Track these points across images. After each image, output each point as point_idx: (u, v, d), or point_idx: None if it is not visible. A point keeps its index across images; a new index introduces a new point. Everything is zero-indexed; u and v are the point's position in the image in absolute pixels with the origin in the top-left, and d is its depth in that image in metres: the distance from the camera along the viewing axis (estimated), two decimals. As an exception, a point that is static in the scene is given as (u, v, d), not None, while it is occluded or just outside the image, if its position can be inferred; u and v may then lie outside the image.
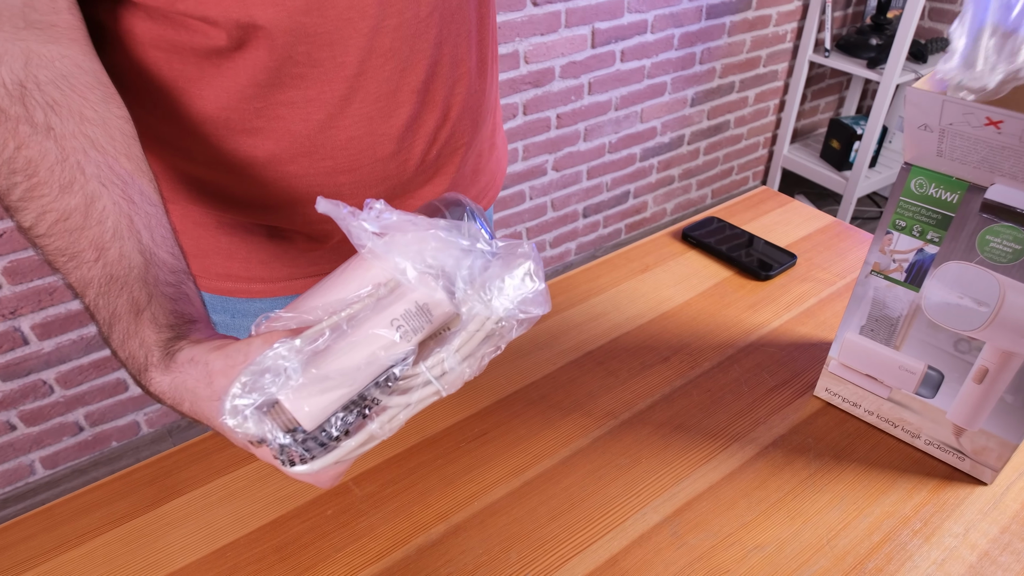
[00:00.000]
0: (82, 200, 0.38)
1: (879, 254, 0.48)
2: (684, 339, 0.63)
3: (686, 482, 0.50)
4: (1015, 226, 0.41)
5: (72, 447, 1.50)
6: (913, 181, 0.45)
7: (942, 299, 0.46)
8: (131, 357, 0.38)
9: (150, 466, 0.53)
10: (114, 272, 0.38)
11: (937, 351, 0.48)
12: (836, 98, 2.59)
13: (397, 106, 0.52)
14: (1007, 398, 0.46)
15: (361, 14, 0.46)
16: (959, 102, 0.38)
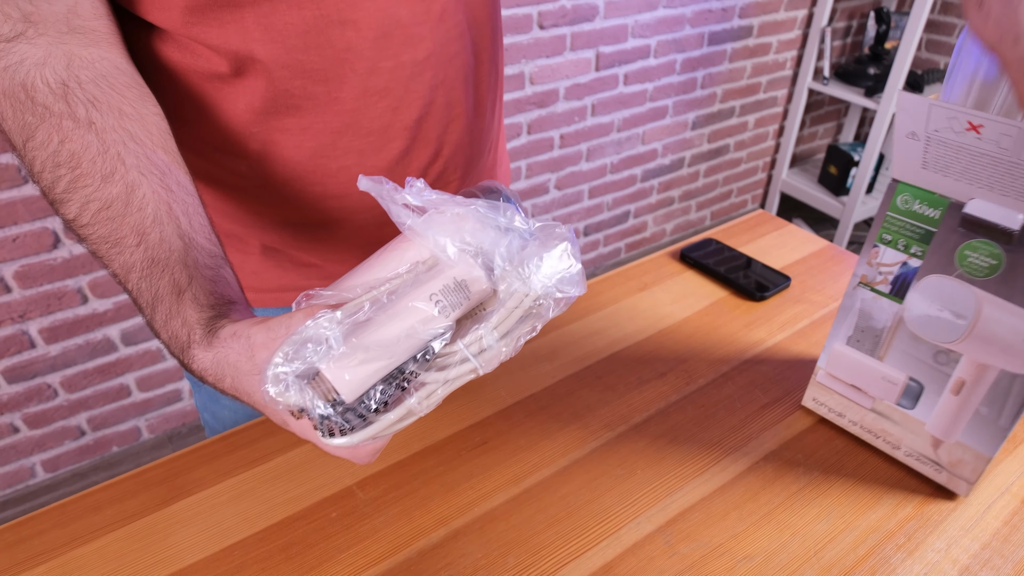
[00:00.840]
0: (123, 189, 0.40)
1: (867, 266, 0.51)
2: (680, 356, 0.65)
3: (679, 493, 0.51)
4: (991, 242, 0.43)
5: (73, 451, 1.51)
6: (899, 197, 0.47)
7: (923, 311, 0.48)
8: (174, 337, 0.39)
9: (161, 466, 0.55)
10: (155, 255, 0.40)
11: (918, 363, 0.50)
12: (834, 125, 2.63)
13: (388, 141, 0.54)
14: (982, 410, 0.48)
15: (357, 55, 0.49)
16: (944, 105, 0.40)
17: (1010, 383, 0.46)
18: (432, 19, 0.51)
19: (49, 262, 1.29)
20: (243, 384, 0.37)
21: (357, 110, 0.51)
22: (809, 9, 2.17)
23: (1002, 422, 0.47)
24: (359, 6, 0.47)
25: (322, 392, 0.33)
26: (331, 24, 0.47)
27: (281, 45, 0.47)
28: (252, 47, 0.46)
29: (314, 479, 0.53)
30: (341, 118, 0.51)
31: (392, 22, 0.49)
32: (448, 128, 0.57)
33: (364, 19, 0.48)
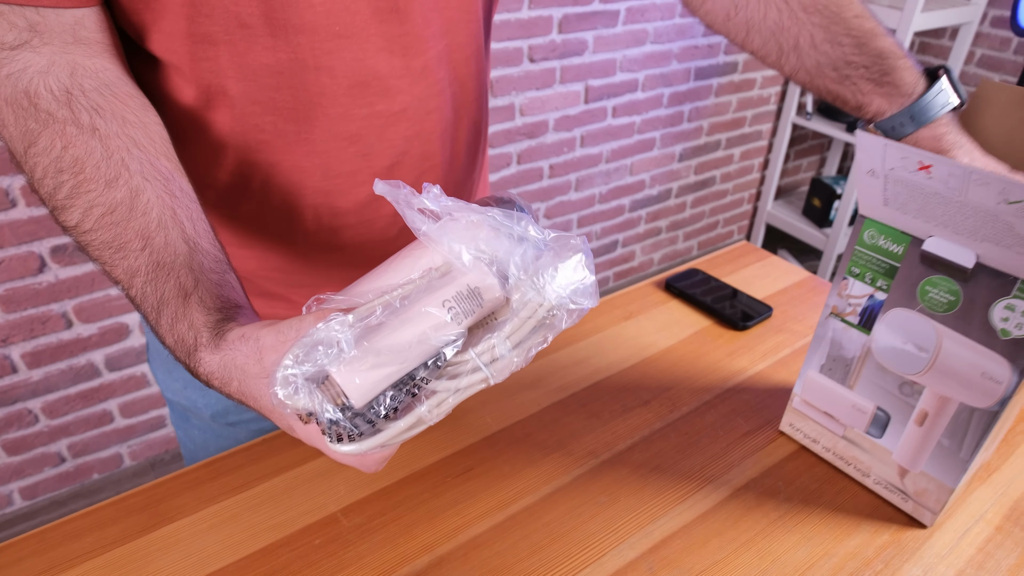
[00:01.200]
0: (127, 193, 0.40)
1: (837, 298, 0.52)
2: (664, 384, 0.66)
3: (662, 521, 0.52)
4: (949, 278, 0.45)
5: (52, 478, 1.48)
6: (866, 232, 0.49)
7: (889, 343, 0.50)
8: (180, 341, 0.39)
9: (142, 493, 0.54)
10: (160, 259, 0.39)
11: (885, 393, 0.51)
12: (818, 158, 2.69)
13: (357, 185, 0.54)
14: (944, 442, 0.49)
15: (331, 101, 0.49)
16: (897, 146, 0.42)
17: (969, 416, 0.47)
18: (412, 74, 0.51)
19: (34, 286, 1.29)
20: (250, 388, 0.37)
21: (326, 152, 0.51)
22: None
23: (962, 454, 0.48)
24: (336, 55, 0.47)
25: (331, 396, 0.32)
26: (306, 68, 0.47)
27: (254, 83, 0.47)
28: (225, 83, 0.47)
29: (298, 505, 0.53)
30: (310, 159, 0.51)
31: (369, 73, 0.49)
32: (421, 179, 0.57)
33: (340, 67, 0.48)
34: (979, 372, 0.46)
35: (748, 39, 0.58)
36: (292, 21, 0.45)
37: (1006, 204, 0.39)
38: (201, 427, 0.69)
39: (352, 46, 0.47)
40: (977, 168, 0.39)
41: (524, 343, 0.34)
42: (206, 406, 0.66)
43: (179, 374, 0.66)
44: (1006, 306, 0.43)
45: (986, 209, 0.40)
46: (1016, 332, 0.43)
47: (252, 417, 0.66)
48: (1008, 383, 0.45)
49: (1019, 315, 0.43)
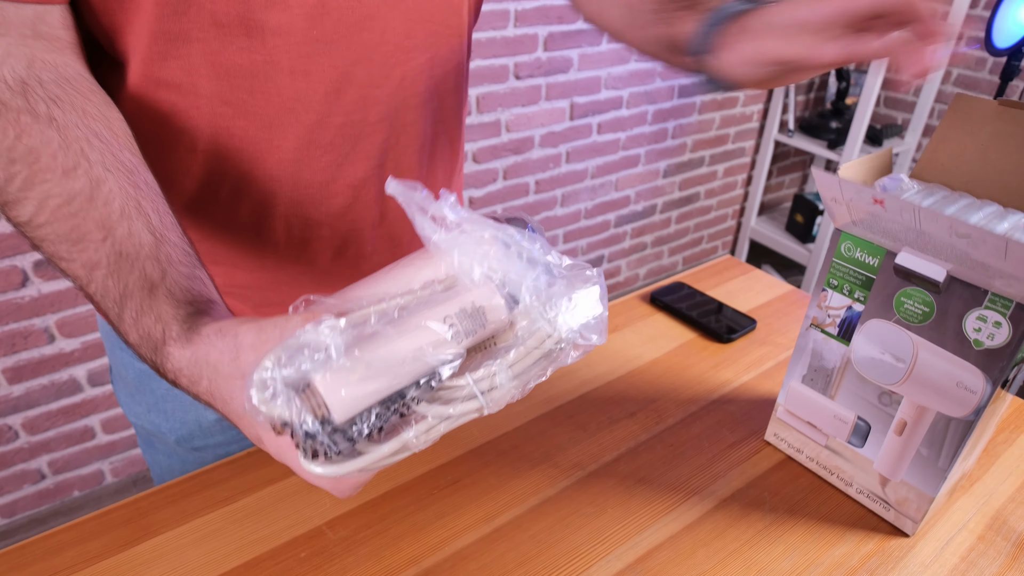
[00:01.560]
0: (86, 183, 0.37)
1: (817, 309, 0.53)
2: (650, 396, 0.66)
3: (648, 532, 0.52)
4: (923, 290, 0.46)
5: (32, 496, 1.45)
6: (843, 245, 0.50)
7: (867, 354, 0.50)
8: (146, 336, 0.36)
9: (125, 507, 0.54)
10: (124, 249, 0.36)
11: (865, 403, 0.52)
12: (800, 175, 2.74)
13: (330, 196, 0.53)
14: (923, 451, 0.50)
15: (306, 107, 0.48)
16: (850, 183, 0.43)
17: (946, 425, 0.48)
18: (391, 84, 0.50)
19: (16, 300, 1.27)
20: (221, 388, 0.34)
21: (299, 160, 0.50)
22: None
23: (941, 463, 0.49)
24: (313, 60, 0.46)
25: (311, 407, 0.29)
26: (280, 72, 0.46)
27: (227, 84, 0.45)
28: (197, 81, 0.45)
29: (283, 519, 0.52)
30: (282, 167, 0.50)
31: (346, 80, 0.48)
32: None
33: (316, 73, 0.47)
34: (954, 382, 0.47)
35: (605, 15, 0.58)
36: (269, 23, 0.44)
37: (957, 237, 0.40)
38: (166, 452, 0.66)
39: (329, 52, 0.46)
40: (925, 207, 0.40)
41: (525, 374, 0.31)
42: (170, 431, 0.64)
43: (142, 397, 0.64)
44: (978, 317, 0.44)
45: (942, 239, 0.42)
46: (988, 343, 0.44)
47: (219, 441, 0.64)
48: (982, 393, 0.46)
49: (991, 326, 0.44)
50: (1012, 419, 0.65)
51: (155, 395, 0.62)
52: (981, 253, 0.40)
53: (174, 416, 0.63)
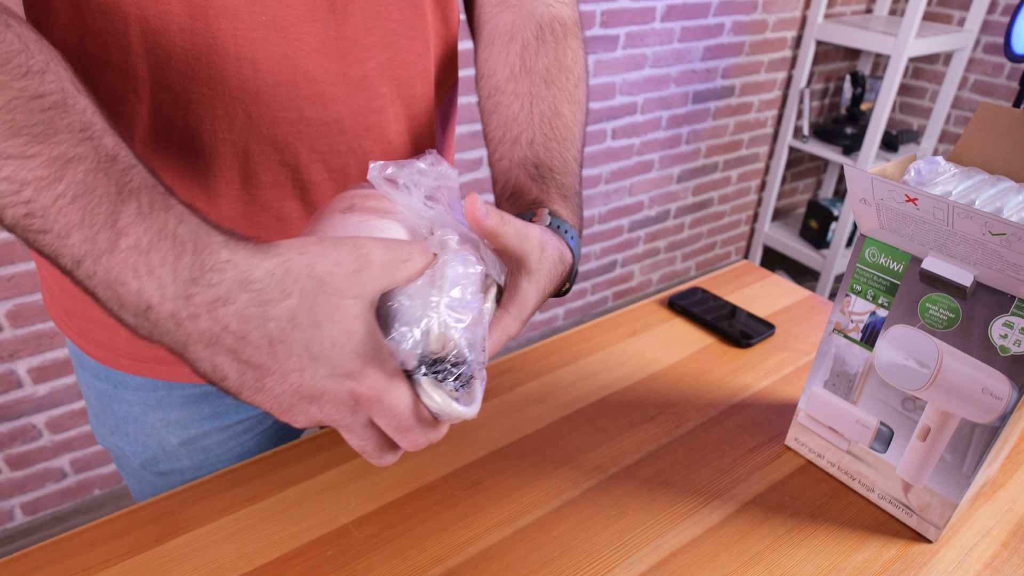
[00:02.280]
0: (58, 88, 0.29)
1: (840, 314, 0.53)
2: (669, 400, 0.67)
3: (670, 535, 0.52)
4: (948, 296, 0.46)
5: (54, 494, 1.48)
6: (867, 250, 0.50)
7: (891, 359, 0.51)
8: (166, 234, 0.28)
9: (155, 504, 0.55)
10: (115, 153, 0.29)
11: (888, 408, 0.52)
12: (814, 180, 2.73)
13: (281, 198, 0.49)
14: (946, 457, 0.50)
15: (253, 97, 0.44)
16: (883, 180, 0.44)
17: (971, 431, 0.48)
18: (349, 83, 0.47)
19: (41, 302, 1.29)
20: (327, 308, 0.29)
21: (247, 156, 0.46)
22: (788, 71, 2.28)
23: (965, 469, 0.49)
24: (261, 47, 0.43)
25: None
26: (225, 58, 0.42)
27: (167, 67, 0.41)
28: (134, 63, 0.41)
29: (310, 517, 0.53)
30: (228, 162, 0.46)
31: (299, 73, 0.45)
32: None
33: (265, 61, 0.43)
34: (980, 388, 0.47)
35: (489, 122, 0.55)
36: (213, 3, 0.40)
37: (991, 235, 0.41)
38: (135, 475, 0.65)
39: (280, 40, 0.43)
40: (960, 203, 0.41)
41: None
42: (133, 454, 0.62)
43: (105, 419, 0.61)
44: (1004, 323, 0.45)
45: (974, 238, 0.42)
46: (1015, 349, 0.44)
47: (185, 466, 0.62)
48: (1008, 399, 0.46)
49: (1017, 332, 0.44)
50: (1034, 426, 0.65)
51: (115, 417, 0.61)
52: (1015, 252, 0.40)
53: (136, 439, 0.61)
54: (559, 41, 0.54)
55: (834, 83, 2.45)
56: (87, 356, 0.59)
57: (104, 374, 0.59)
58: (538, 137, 0.52)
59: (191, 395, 0.60)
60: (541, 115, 0.52)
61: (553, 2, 0.56)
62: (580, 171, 0.54)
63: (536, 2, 0.55)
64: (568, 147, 0.52)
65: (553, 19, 0.55)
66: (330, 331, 0.29)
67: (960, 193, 0.48)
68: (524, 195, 0.49)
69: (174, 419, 0.61)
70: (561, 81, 0.53)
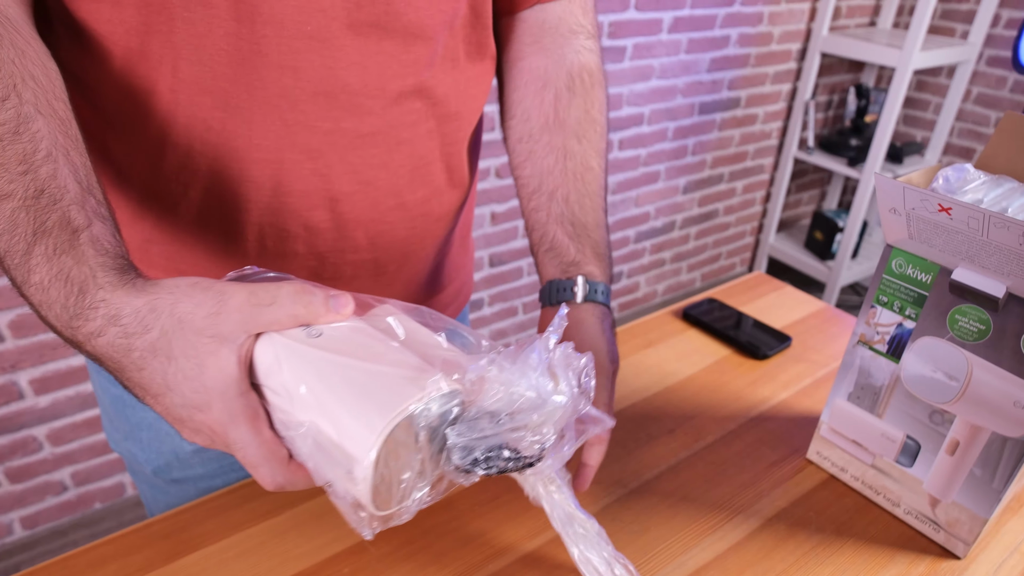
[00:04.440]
0: (13, 116, 0.33)
1: (865, 326, 0.52)
2: (688, 412, 0.66)
3: (695, 551, 0.51)
4: (979, 307, 0.45)
5: (54, 507, 1.46)
6: (894, 261, 0.49)
7: (918, 372, 0.50)
8: (63, 277, 0.31)
9: (166, 520, 0.54)
10: (46, 188, 0.32)
11: (915, 421, 0.51)
12: (819, 192, 2.72)
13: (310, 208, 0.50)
14: (976, 472, 0.49)
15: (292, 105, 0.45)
16: (915, 189, 0.43)
17: (1002, 445, 0.47)
18: (386, 97, 0.48)
19: (46, 312, 1.29)
20: (180, 344, 0.31)
21: (280, 163, 0.46)
22: (793, 83, 2.29)
23: (995, 484, 0.48)
24: (303, 56, 0.43)
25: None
26: (268, 64, 0.43)
27: (208, 70, 0.42)
28: (177, 64, 0.42)
29: (325, 533, 0.52)
30: (261, 168, 0.46)
31: (338, 85, 0.45)
32: (384, 215, 0.53)
33: (306, 71, 0.44)
34: (1011, 401, 0.46)
35: (522, 166, 0.59)
36: (260, 9, 0.41)
37: None
38: (147, 483, 0.64)
39: (322, 50, 0.44)
40: (995, 212, 0.40)
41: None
42: (146, 461, 0.61)
43: (119, 424, 0.61)
44: (1037, 335, 0.44)
45: (1008, 248, 0.41)
46: (1048, 361, 0.44)
47: (199, 474, 0.61)
48: (1041, 412, 0.45)
49: (1051, 345, 0.43)
50: (1059, 440, 0.63)
51: (129, 423, 0.60)
52: None
53: (149, 446, 0.60)
54: (588, 92, 0.58)
55: (838, 95, 2.45)
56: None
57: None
58: (572, 194, 0.57)
59: None
60: (575, 171, 0.57)
61: (582, 48, 0.58)
62: (607, 220, 0.59)
63: (567, 48, 0.58)
64: (598, 200, 0.58)
65: (582, 68, 0.58)
66: (183, 364, 0.32)
67: (991, 201, 0.47)
68: (563, 255, 0.56)
69: None
70: (591, 135, 0.58)
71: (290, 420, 0.34)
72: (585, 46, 0.58)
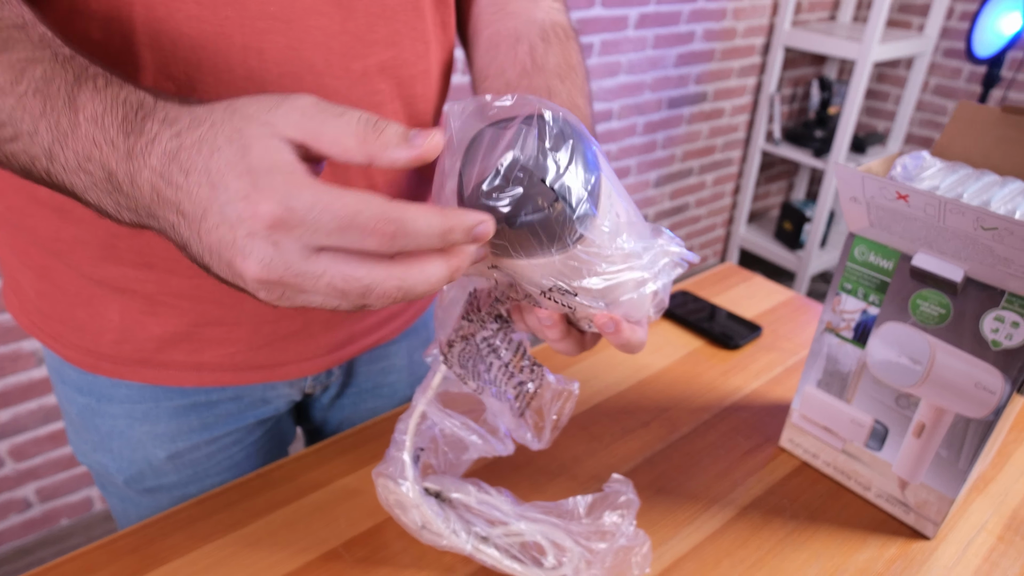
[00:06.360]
0: (16, 14, 0.33)
1: (831, 313, 0.53)
2: (662, 405, 0.66)
3: (672, 542, 0.51)
4: (939, 292, 0.46)
5: (18, 525, 1.41)
6: (856, 249, 0.50)
7: (883, 357, 0.50)
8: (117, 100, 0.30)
9: (133, 534, 0.52)
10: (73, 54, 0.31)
11: (882, 406, 0.52)
12: (786, 183, 2.77)
13: None
14: (942, 453, 0.50)
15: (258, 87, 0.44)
16: (874, 178, 0.44)
17: (966, 426, 0.48)
18: (351, 77, 0.48)
19: (5, 323, 1.24)
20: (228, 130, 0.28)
21: None
22: (758, 77, 2.32)
23: (961, 464, 0.49)
24: (267, 37, 0.43)
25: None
26: (232, 46, 0.42)
27: (171, 55, 0.41)
28: (137, 50, 0.41)
29: (297, 541, 0.51)
30: None
31: (304, 66, 0.45)
32: None
33: (271, 52, 0.44)
34: (973, 383, 0.47)
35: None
36: None
37: (982, 230, 0.41)
38: (118, 495, 0.62)
39: (287, 31, 0.44)
40: (951, 198, 0.41)
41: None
42: (118, 471, 0.59)
43: (87, 435, 0.59)
44: (995, 317, 0.45)
45: (965, 233, 0.42)
46: (1006, 343, 0.44)
47: (173, 482, 0.60)
48: (1001, 393, 0.46)
49: (1008, 326, 0.44)
50: (1022, 419, 0.65)
51: (99, 432, 0.59)
52: (1006, 246, 0.40)
53: (121, 455, 0.59)
54: (563, 43, 0.55)
55: (802, 88, 2.49)
56: (69, 367, 0.57)
57: (87, 387, 0.57)
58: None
59: (179, 406, 0.58)
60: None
61: (550, 8, 0.57)
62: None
63: (535, 9, 0.56)
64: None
65: (555, 23, 0.56)
66: (227, 152, 0.27)
67: (947, 187, 0.48)
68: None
69: (161, 432, 0.58)
70: (572, 77, 0.54)
71: None
72: (553, 7, 0.57)
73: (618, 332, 0.36)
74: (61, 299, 0.53)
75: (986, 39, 1.76)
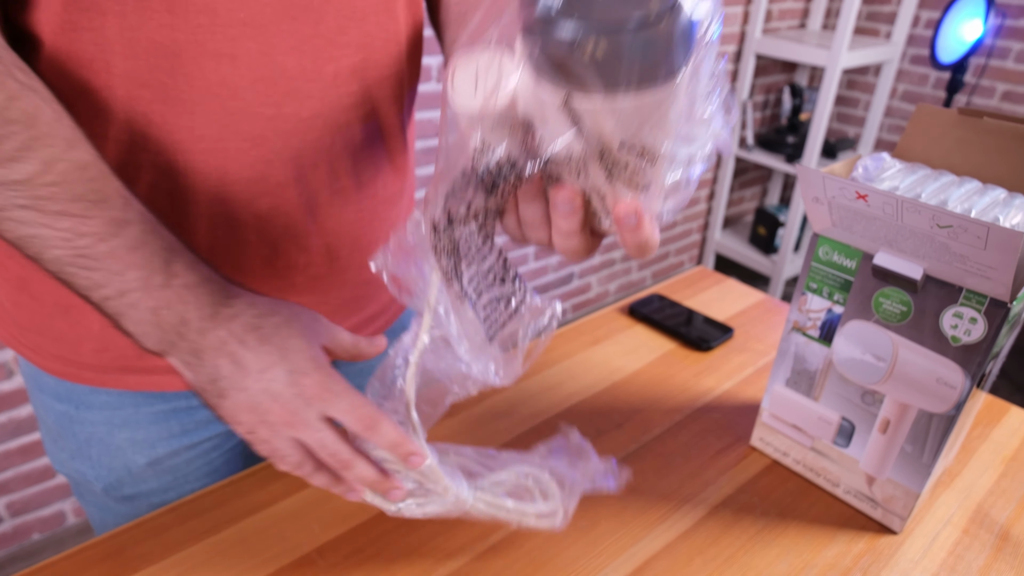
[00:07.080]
0: (94, 157, 0.38)
1: (798, 313, 0.54)
2: (635, 407, 0.67)
3: (644, 542, 0.52)
4: (900, 290, 0.48)
5: (-14, 542, 1.38)
6: (820, 249, 0.51)
7: (848, 355, 0.52)
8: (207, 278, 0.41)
9: (103, 543, 0.51)
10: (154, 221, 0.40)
11: (848, 403, 0.53)
12: (760, 189, 2.81)
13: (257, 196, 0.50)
14: (907, 448, 0.51)
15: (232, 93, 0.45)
16: (834, 178, 0.45)
17: (928, 422, 0.49)
18: (323, 79, 0.48)
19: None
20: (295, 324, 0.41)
21: (225, 152, 0.46)
22: (731, 84, 2.35)
23: (925, 459, 0.50)
24: (240, 43, 0.44)
25: None
26: (204, 53, 0.43)
27: (144, 63, 0.42)
28: (109, 59, 0.41)
29: (270, 548, 0.51)
30: (206, 159, 0.46)
31: (276, 70, 0.46)
32: (331, 199, 0.53)
33: (244, 57, 0.44)
34: (934, 378, 0.48)
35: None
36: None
37: (938, 228, 0.42)
38: (96, 503, 0.62)
39: (258, 36, 0.44)
40: (908, 198, 0.42)
41: None
42: (96, 478, 0.59)
43: (64, 443, 0.59)
44: (954, 314, 0.46)
45: (922, 232, 0.43)
46: (965, 338, 0.46)
47: (152, 488, 0.60)
48: (962, 388, 0.47)
49: (967, 322, 0.45)
50: (984, 415, 0.67)
51: (77, 440, 0.58)
52: (961, 244, 0.42)
53: (100, 462, 0.58)
54: None
55: (774, 95, 2.54)
56: (46, 375, 0.56)
57: (65, 394, 0.56)
58: None
59: (159, 412, 0.57)
60: None
61: None
62: None
63: None
64: None
65: None
66: (297, 342, 0.41)
67: (906, 187, 0.49)
68: None
69: (141, 438, 0.58)
70: None
71: None
72: None
73: (639, 227, 0.33)
74: (39, 310, 0.53)
75: (949, 45, 1.81)
